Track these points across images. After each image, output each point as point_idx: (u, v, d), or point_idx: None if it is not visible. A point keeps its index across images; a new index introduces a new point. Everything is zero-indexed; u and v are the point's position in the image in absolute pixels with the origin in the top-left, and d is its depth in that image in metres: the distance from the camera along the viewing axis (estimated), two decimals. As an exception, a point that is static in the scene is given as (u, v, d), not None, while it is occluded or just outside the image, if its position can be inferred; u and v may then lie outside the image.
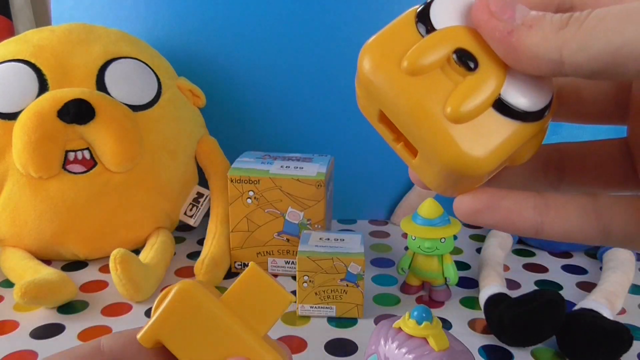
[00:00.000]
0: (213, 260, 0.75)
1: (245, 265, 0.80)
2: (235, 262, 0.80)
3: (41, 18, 1.21)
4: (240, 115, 1.00)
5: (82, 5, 0.99)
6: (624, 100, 0.29)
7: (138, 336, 0.28)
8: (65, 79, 0.78)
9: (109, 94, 0.79)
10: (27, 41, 0.80)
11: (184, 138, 0.86)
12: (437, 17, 0.27)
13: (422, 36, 0.26)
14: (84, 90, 0.76)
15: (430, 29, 0.26)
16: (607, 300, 0.66)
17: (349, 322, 0.68)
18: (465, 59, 0.26)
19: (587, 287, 0.77)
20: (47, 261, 0.80)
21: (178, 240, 0.91)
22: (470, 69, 0.25)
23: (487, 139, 0.25)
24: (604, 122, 0.30)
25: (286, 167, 0.77)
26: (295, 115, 0.99)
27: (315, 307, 0.68)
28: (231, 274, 0.80)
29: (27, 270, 0.73)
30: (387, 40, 0.26)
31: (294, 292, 0.71)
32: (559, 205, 0.27)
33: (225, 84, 0.99)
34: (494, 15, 0.24)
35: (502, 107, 0.25)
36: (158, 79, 0.85)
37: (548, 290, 0.63)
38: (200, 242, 0.90)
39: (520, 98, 0.25)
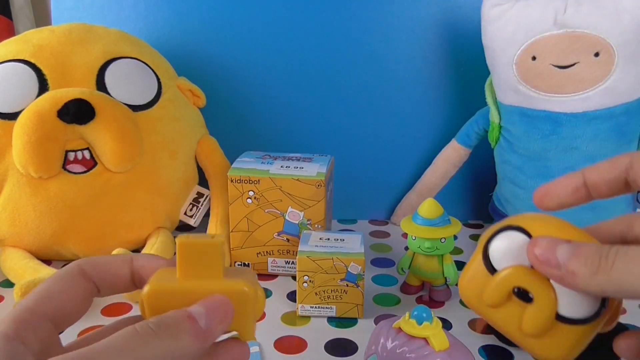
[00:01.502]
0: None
1: (246, 265, 0.80)
2: (235, 262, 0.80)
3: (41, 18, 1.21)
4: (240, 115, 1.00)
5: (82, 5, 0.99)
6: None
7: (145, 290, 0.32)
8: (65, 79, 0.78)
9: (109, 94, 0.79)
10: (27, 41, 0.80)
11: (184, 138, 0.86)
12: (496, 258, 0.36)
13: (490, 274, 0.36)
14: (84, 90, 0.76)
15: (491, 269, 0.36)
16: (607, 300, 0.66)
17: (349, 322, 0.68)
18: (522, 296, 0.35)
19: (588, 287, 0.77)
20: (47, 261, 0.80)
21: (178, 240, 0.91)
22: (528, 300, 0.35)
23: (561, 344, 0.35)
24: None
25: (286, 167, 0.77)
26: (296, 115, 0.99)
27: (316, 307, 0.68)
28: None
29: (27, 270, 0.73)
30: (468, 281, 0.37)
31: (294, 292, 0.71)
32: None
33: (226, 84, 0.99)
34: (544, 264, 0.33)
35: (563, 319, 0.34)
36: (158, 79, 0.85)
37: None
38: (201, 242, 0.90)
39: (575, 310, 0.34)
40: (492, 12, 0.82)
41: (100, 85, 0.79)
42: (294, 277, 0.79)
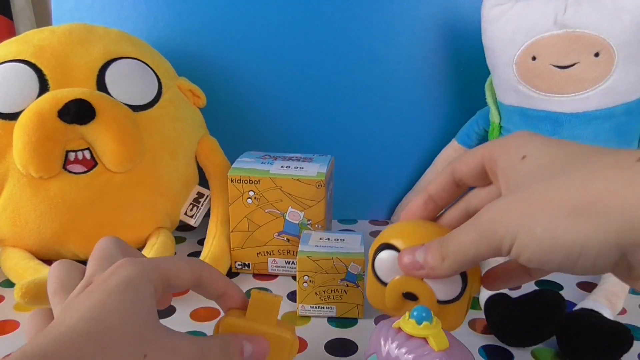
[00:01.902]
0: (213, 260, 0.75)
1: (246, 265, 0.80)
2: (235, 262, 0.80)
3: (42, 18, 1.21)
4: (240, 116, 1.00)
5: (83, 5, 0.99)
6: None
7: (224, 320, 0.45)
8: (66, 79, 0.78)
9: (109, 94, 0.79)
10: (27, 41, 0.80)
11: (184, 138, 0.86)
12: (381, 273, 0.49)
13: (383, 285, 0.49)
14: (85, 90, 0.76)
15: (381, 282, 0.49)
16: (607, 300, 0.66)
17: (349, 322, 0.68)
18: (410, 297, 0.48)
19: (588, 287, 0.77)
20: (48, 261, 0.80)
21: (178, 240, 0.91)
22: (415, 299, 0.47)
23: (450, 317, 0.47)
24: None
25: (286, 167, 0.77)
26: (296, 115, 0.99)
27: (316, 307, 0.68)
28: (231, 274, 0.80)
29: (27, 270, 0.73)
30: (369, 293, 0.51)
31: (294, 292, 0.70)
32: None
33: (226, 84, 0.99)
34: (410, 269, 0.45)
35: (443, 302, 0.46)
36: (158, 79, 0.85)
37: (548, 291, 0.63)
38: (201, 242, 0.90)
39: (448, 293, 0.46)
40: (492, 12, 0.82)
41: (101, 86, 0.79)
42: (294, 277, 0.79)
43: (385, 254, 0.48)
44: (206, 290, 0.45)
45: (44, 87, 0.77)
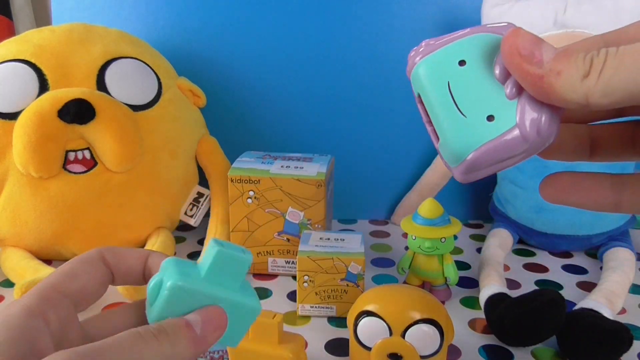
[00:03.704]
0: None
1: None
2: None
3: (41, 18, 1.21)
4: (240, 115, 1.00)
5: (83, 5, 0.99)
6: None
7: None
8: (66, 78, 0.78)
9: (109, 93, 0.79)
10: (27, 41, 0.80)
11: (184, 138, 0.86)
12: (363, 338, 0.52)
13: (367, 350, 0.52)
14: (84, 90, 0.76)
15: (364, 346, 0.52)
16: (607, 300, 0.66)
17: (349, 322, 0.69)
18: (395, 357, 0.51)
19: (588, 287, 0.77)
20: (48, 261, 0.80)
21: (178, 240, 0.91)
22: (400, 358, 0.51)
23: None
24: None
25: (286, 167, 0.77)
26: (296, 115, 0.99)
27: (316, 307, 0.68)
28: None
29: (27, 270, 0.73)
30: (352, 355, 0.54)
31: (294, 292, 0.70)
32: (634, 183, 0.32)
33: (226, 83, 0.99)
34: (524, 58, 0.28)
35: (425, 357, 0.51)
36: (158, 79, 0.85)
37: (548, 290, 0.63)
38: (201, 242, 0.90)
39: (427, 350, 0.51)
40: (492, 12, 0.82)
41: (101, 85, 0.79)
42: (294, 277, 0.79)
43: (365, 320, 0.52)
44: (124, 278, 0.39)
45: (43, 86, 0.77)
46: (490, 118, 0.30)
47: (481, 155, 0.30)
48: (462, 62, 0.32)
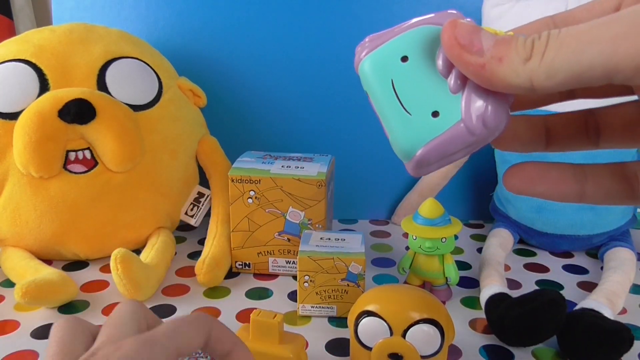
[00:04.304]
0: (214, 260, 0.75)
1: (247, 265, 0.80)
2: (236, 262, 0.80)
3: (42, 18, 1.21)
4: (241, 115, 1.00)
5: (83, 5, 0.99)
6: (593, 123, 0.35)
7: None
8: (66, 78, 0.78)
9: (109, 93, 0.79)
10: (27, 41, 0.80)
11: (184, 138, 0.86)
12: (364, 338, 0.52)
13: (367, 350, 0.52)
14: (85, 90, 0.76)
15: (365, 347, 0.52)
16: (608, 300, 0.66)
17: (350, 321, 0.68)
18: (395, 357, 0.51)
19: (588, 287, 0.77)
20: (48, 261, 0.80)
21: (179, 240, 0.91)
22: (401, 358, 0.51)
23: None
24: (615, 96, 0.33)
25: (287, 166, 0.77)
26: (296, 115, 0.99)
27: (316, 307, 0.68)
28: (232, 274, 0.80)
29: (27, 270, 0.73)
30: (353, 355, 0.55)
31: (294, 292, 0.70)
32: (596, 174, 0.32)
33: (226, 83, 0.99)
34: (464, 48, 0.27)
35: (425, 357, 0.52)
36: (159, 79, 0.85)
37: (549, 290, 0.62)
38: (201, 242, 0.90)
39: (428, 351, 0.52)
40: (492, 12, 0.82)
41: (101, 85, 0.79)
42: (294, 277, 0.79)
43: (366, 321, 0.52)
44: (212, 351, 0.40)
45: (44, 86, 0.77)
46: (435, 114, 0.30)
47: (429, 152, 0.30)
48: (404, 58, 0.31)
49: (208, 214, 0.88)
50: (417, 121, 0.31)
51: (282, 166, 0.77)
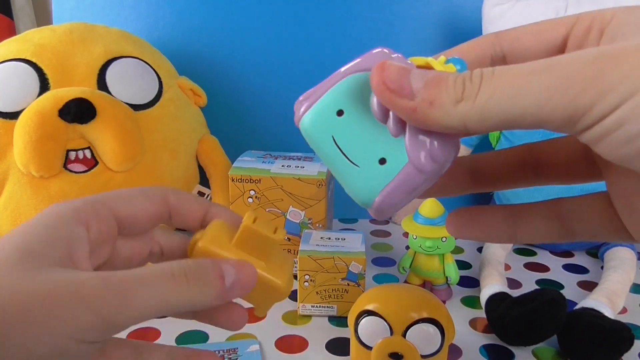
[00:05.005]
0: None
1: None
2: (236, 261, 0.80)
3: (42, 17, 1.21)
4: (241, 115, 1.00)
5: (83, 4, 0.99)
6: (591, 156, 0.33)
7: (199, 244, 0.34)
8: (66, 78, 0.78)
9: (110, 93, 0.79)
10: (28, 40, 0.80)
11: (185, 137, 0.86)
12: (364, 338, 0.52)
13: (367, 350, 0.52)
14: (85, 89, 0.76)
15: (365, 346, 0.52)
16: (608, 299, 0.66)
17: (350, 321, 0.69)
18: (395, 356, 0.51)
19: (588, 286, 0.77)
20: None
21: (179, 239, 0.91)
22: (401, 357, 0.51)
23: None
24: (578, 181, 0.34)
25: (287, 166, 0.77)
26: (296, 114, 0.99)
27: (317, 307, 0.68)
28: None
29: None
30: (354, 355, 0.55)
31: (295, 292, 0.71)
32: (525, 215, 0.33)
33: (227, 83, 0.99)
34: (394, 93, 0.26)
35: (425, 356, 0.51)
36: (159, 78, 0.85)
37: (549, 290, 0.63)
38: (201, 241, 0.90)
39: (429, 350, 0.51)
40: (492, 11, 0.82)
41: (101, 85, 0.79)
42: (295, 277, 0.79)
43: (366, 320, 0.52)
44: (182, 222, 0.37)
45: (44, 86, 0.77)
46: (382, 161, 0.30)
47: (385, 199, 0.30)
48: (339, 112, 0.31)
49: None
50: (366, 171, 0.30)
51: (283, 166, 0.77)
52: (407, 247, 0.84)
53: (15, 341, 0.26)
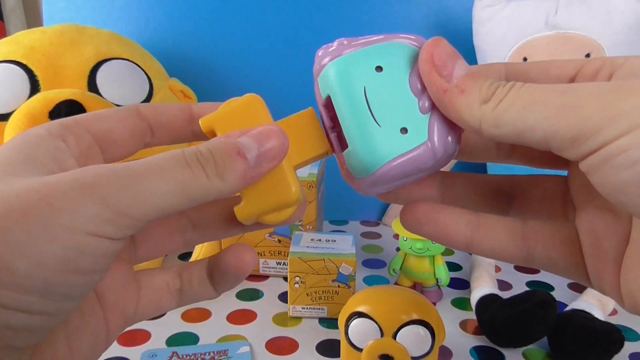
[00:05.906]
0: (205, 262, 0.75)
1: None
2: (227, 263, 0.80)
3: (33, 19, 1.21)
4: (232, 117, 0.99)
5: (74, 6, 0.99)
6: None
7: (200, 120, 0.32)
8: (57, 80, 0.78)
9: (100, 95, 0.79)
10: (18, 42, 0.80)
11: (175, 139, 0.86)
12: (354, 340, 0.52)
13: (358, 351, 0.52)
14: (75, 91, 0.76)
15: (356, 348, 0.52)
16: (598, 301, 0.66)
17: (341, 323, 0.69)
18: (386, 358, 0.51)
19: (579, 288, 0.77)
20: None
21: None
22: (391, 358, 0.51)
23: None
24: (551, 167, 0.33)
25: (278, 168, 0.77)
26: (287, 116, 0.99)
27: (307, 308, 0.68)
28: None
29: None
30: (345, 356, 0.54)
31: (285, 294, 0.71)
32: (490, 225, 0.31)
33: (217, 84, 0.99)
34: (435, 67, 0.28)
35: (415, 358, 0.51)
36: (149, 80, 0.85)
37: (539, 291, 0.63)
38: (192, 243, 0.90)
39: (418, 352, 0.51)
40: (483, 13, 0.82)
41: (92, 86, 0.79)
42: (285, 278, 0.79)
43: (356, 322, 0.52)
44: (167, 133, 0.34)
45: (34, 87, 0.76)
46: (403, 130, 0.29)
47: (390, 170, 0.29)
48: (379, 68, 0.30)
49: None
50: (385, 134, 0.29)
51: (273, 167, 0.77)
52: (398, 249, 0.84)
53: (18, 238, 0.23)
